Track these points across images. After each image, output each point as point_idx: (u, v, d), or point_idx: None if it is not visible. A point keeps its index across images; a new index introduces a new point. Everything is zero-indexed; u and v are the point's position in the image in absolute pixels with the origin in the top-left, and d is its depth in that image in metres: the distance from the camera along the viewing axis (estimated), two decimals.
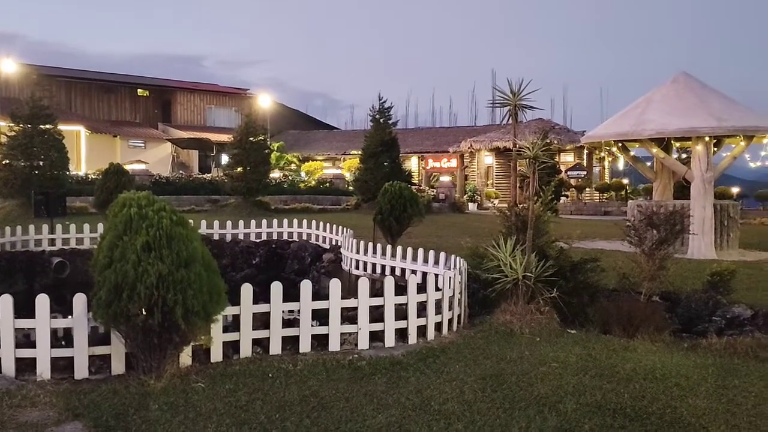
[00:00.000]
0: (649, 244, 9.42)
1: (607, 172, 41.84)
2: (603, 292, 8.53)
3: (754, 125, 16.11)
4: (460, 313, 7.58)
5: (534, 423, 4.70)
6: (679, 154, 23.04)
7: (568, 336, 7.18)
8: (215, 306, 5.60)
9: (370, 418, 4.79)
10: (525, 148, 7.54)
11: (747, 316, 8.49)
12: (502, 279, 7.47)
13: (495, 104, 8.16)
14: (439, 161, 41.49)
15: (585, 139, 19.40)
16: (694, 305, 8.85)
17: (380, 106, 29.54)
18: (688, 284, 10.01)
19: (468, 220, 26.37)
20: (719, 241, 16.36)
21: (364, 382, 5.62)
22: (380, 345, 6.64)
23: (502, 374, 5.80)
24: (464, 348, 6.65)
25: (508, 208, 8.27)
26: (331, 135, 52.33)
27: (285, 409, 4.95)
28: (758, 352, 6.51)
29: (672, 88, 17.19)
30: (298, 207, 26.92)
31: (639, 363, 6.15)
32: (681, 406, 5.06)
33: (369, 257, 10.62)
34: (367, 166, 28.76)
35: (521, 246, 7.57)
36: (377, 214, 12.16)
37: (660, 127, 16.14)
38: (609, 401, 5.15)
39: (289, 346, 6.41)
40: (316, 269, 12.80)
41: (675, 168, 17.86)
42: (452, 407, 5.01)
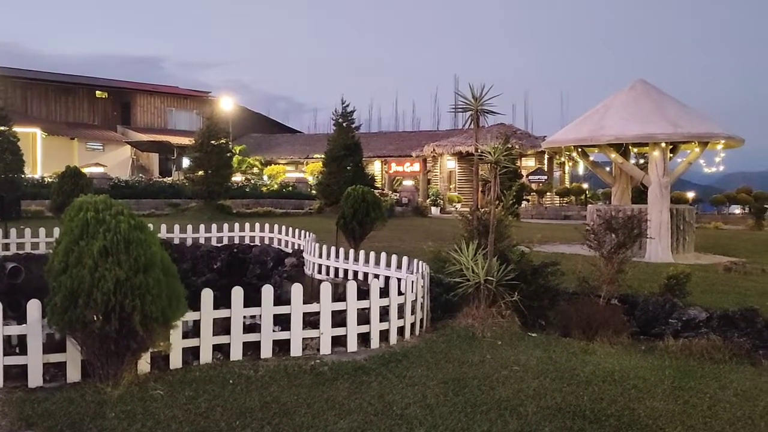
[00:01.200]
0: (608, 247, 9.56)
1: (568, 176, 42.42)
2: (563, 295, 8.63)
3: (708, 132, 16.50)
4: (423, 317, 7.59)
5: (495, 426, 4.72)
6: (637, 159, 23.49)
7: (529, 339, 7.24)
8: (175, 312, 5.52)
9: (332, 424, 4.76)
10: (487, 153, 7.59)
11: (702, 319, 8.65)
12: (465, 283, 7.50)
13: (457, 109, 8.20)
14: (402, 165, 41.58)
15: (546, 144, 19.64)
16: (651, 308, 8.98)
17: (343, 110, 29.52)
18: (646, 287, 10.18)
19: (431, 224, 26.47)
20: (675, 245, 16.70)
21: (326, 387, 5.59)
22: (343, 350, 6.61)
23: (464, 378, 5.82)
24: (426, 352, 6.66)
25: (471, 212, 8.32)
26: (294, 138, 52.09)
27: (246, 416, 4.90)
28: (713, 354, 6.64)
29: (630, 95, 17.52)
30: (261, 211, 26.72)
31: (598, 365, 6.23)
32: (639, 408, 5.13)
33: (332, 261, 10.58)
34: (330, 170, 28.69)
35: (483, 250, 7.62)
36: (340, 218, 12.13)
37: (618, 132, 16.42)
38: (569, 404, 5.20)
39: (251, 352, 6.34)
40: (278, 274, 12.71)
41: (633, 173, 18.19)
42: (414, 412, 5.00)
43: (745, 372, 6.19)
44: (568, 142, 17.87)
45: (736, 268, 13.67)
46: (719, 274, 13.17)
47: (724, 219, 34.35)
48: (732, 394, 5.52)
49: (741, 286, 11.72)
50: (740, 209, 36.94)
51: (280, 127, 57.14)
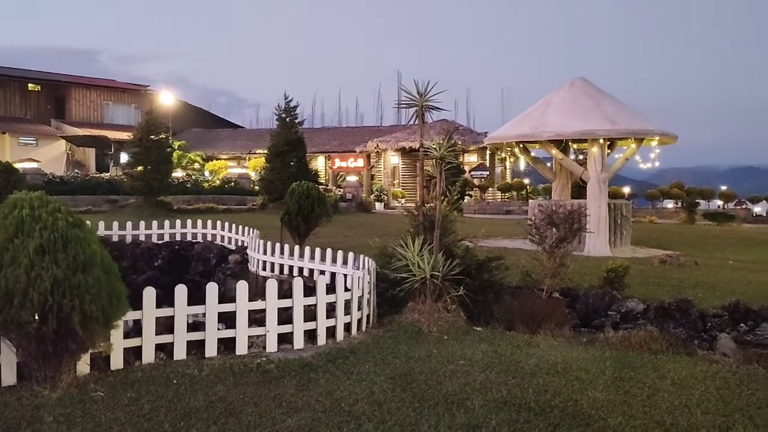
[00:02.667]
0: (550, 242, 9.76)
1: (509, 172, 43.11)
2: (507, 289, 8.75)
3: (644, 128, 17.01)
4: (369, 313, 7.59)
5: (443, 421, 4.76)
6: (577, 155, 24.02)
7: (474, 333, 7.32)
8: (115, 311, 5.37)
9: (279, 423, 4.71)
10: (432, 149, 7.63)
11: (640, 310, 8.90)
12: (411, 278, 7.53)
13: (401, 105, 8.22)
14: (345, 161, 41.57)
15: (488, 140, 19.90)
16: (591, 300, 9.20)
17: (286, 105, 29.27)
18: (586, 280, 10.43)
19: (375, 219, 26.53)
20: (613, 239, 17.16)
21: (272, 385, 5.53)
22: (289, 347, 6.55)
23: (411, 373, 5.84)
24: (373, 348, 6.66)
25: (416, 207, 8.36)
26: (236, 134, 51.45)
27: (191, 417, 4.80)
28: (651, 345, 6.84)
29: (569, 92, 17.91)
30: (202, 207, 26.28)
31: (542, 358, 6.34)
32: (582, 399, 5.24)
33: (276, 258, 10.48)
34: (273, 166, 28.43)
35: (429, 245, 7.66)
36: (285, 215, 12.03)
37: (558, 129, 16.77)
38: (514, 396, 5.27)
39: (195, 351, 6.23)
40: (221, 271, 12.52)
41: (572, 169, 18.60)
42: (362, 408, 5.00)
43: (681, 362, 6.38)
44: (510, 138, 18.16)
45: (670, 261, 14.13)
46: (655, 267, 13.59)
47: (658, 213, 35.50)
48: (669, 383, 5.69)
49: (675, 278, 12.12)
50: (673, 204, 38.22)
51: (222, 122, 56.33)
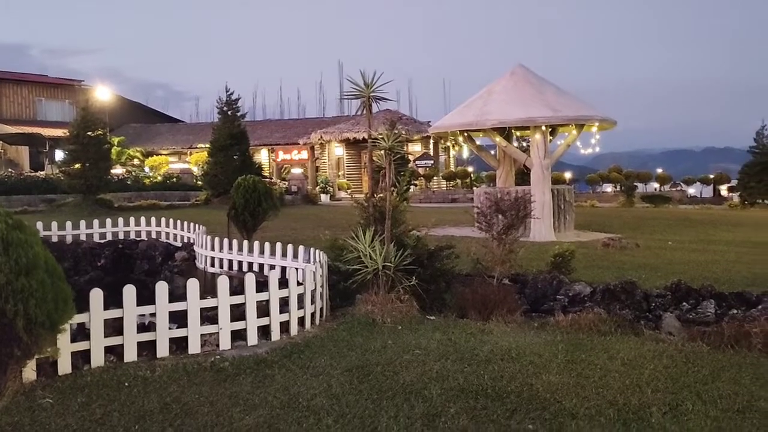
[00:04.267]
0: (498, 229, 9.87)
1: (453, 160, 43.43)
2: (458, 277, 8.83)
3: (584, 115, 17.36)
4: (323, 306, 7.56)
5: (402, 411, 4.77)
6: (520, 142, 24.35)
7: (428, 322, 7.36)
8: (62, 314, 5.20)
9: (237, 421, 4.65)
10: (380, 139, 7.62)
11: (587, 293, 9.10)
12: (363, 270, 7.52)
13: (348, 96, 8.17)
14: (289, 153, 41.21)
15: (433, 129, 20.01)
16: (540, 285, 9.36)
17: (227, 98, 28.85)
18: (534, 266, 10.60)
19: (321, 211, 26.42)
20: (557, 224, 17.51)
21: (228, 383, 5.45)
22: (243, 344, 6.47)
23: (368, 365, 5.84)
24: (328, 341, 6.64)
25: (366, 199, 8.34)
26: (176, 128, 50.38)
27: (145, 419, 4.70)
28: (600, 327, 7.00)
29: (511, 80, 18.13)
30: (144, 204, 25.72)
31: (496, 344, 6.41)
32: (536, 383, 5.33)
33: (225, 254, 10.33)
34: (216, 160, 28.02)
35: (380, 236, 7.66)
36: (231, 210, 11.87)
37: (501, 117, 16.97)
38: (471, 384, 5.33)
39: (146, 352, 6.09)
40: (168, 269, 12.27)
41: (516, 156, 18.87)
42: (321, 402, 4.97)
43: (629, 342, 6.55)
44: (454, 127, 18.30)
45: (613, 244, 14.49)
46: (599, 250, 13.91)
47: (598, 197, 36.35)
48: (620, 363, 5.83)
49: (619, 260, 12.44)
50: (612, 187, 39.22)
51: (160, 116, 55.09)
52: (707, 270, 11.18)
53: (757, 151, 32.65)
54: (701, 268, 11.47)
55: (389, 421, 4.61)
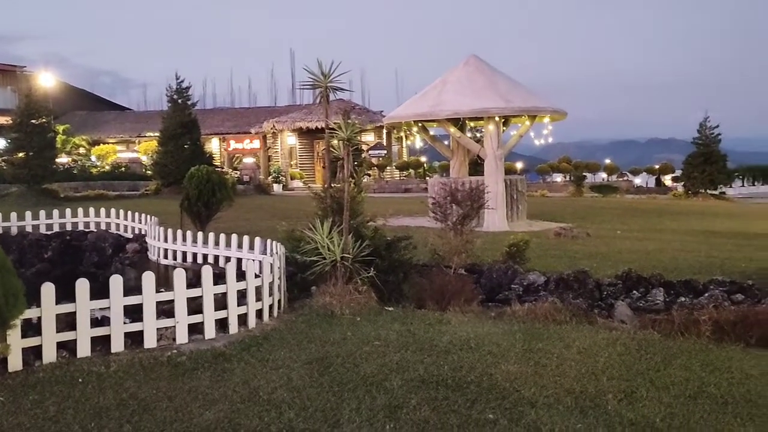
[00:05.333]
0: (453, 219, 9.95)
1: (406, 150, 43.55)
2: (415, 268, 8.87)
3: (536, 105, 17.59)
4: (281, 299, 7.50)
5: (364, 403, 4.78)
6: (473, 133, 24.57)
7: (386, 313, 7.38)
8: (12, 310, 5.06)
9: (197, 416, 4.59)
10: (338, 130, 7.58)
11: (541, 282, 9.25)
12: (321, 261, 7.49)
13: (305, 86, 8.11)
14: (241, 142, 40.70)
15: (387, 119, 20.02)
16: (495, 275, 9.46)
17: (178, 86, 28.36)
18: (488, 255, 10.72)
19: (275, 201, 26.22)
20: (510, 214, 17.73)
21: (186, 378, 5.37)
22: (200, 337, 6.37)
23: (328, 357, 5.83)
24: (287, 333, 6.59)
25: (323, 189, 8.30)
26: (124, 116, 49.26)
27: (101, 416, 4.60)
28: (555, 316, 7.12)
29: (464, 71, 18.24)
30: (92, 194, 25.14)
31: (454, 335, 6.47)
32: (495, 373, 5.40)
33: (179, 245, 10.15)
34: (166, 149, 27.54)
35: (338, 227, 7.63)
36: (184, 200, 11.68)
37: (456, 107, 17.07)
38: (431, 374, 5.36)
39: (100, 347, 5.95)
40: (119, 261, 11.98)
41: (470, 146, 19.02)
42: (282, 395, 4.94)
43: (584, 331, 6.68)
44: (409, 117, 18.33)
45: (564, 233, 14.76)
46: (551, 240, 14.15)
47: (548, 187, 36.96)
48: (576, 352, 5.95)
49: (570, 249, 12.68)
50: (562, 177, 39.92)
51: (107, 104, 53.79)
52: (655, 258, 11.49)
53: (700, 142, 33.60)
54: (649, 256, 11.78)
55: (351, 413, 4.61)
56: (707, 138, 33.42)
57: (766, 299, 8.06)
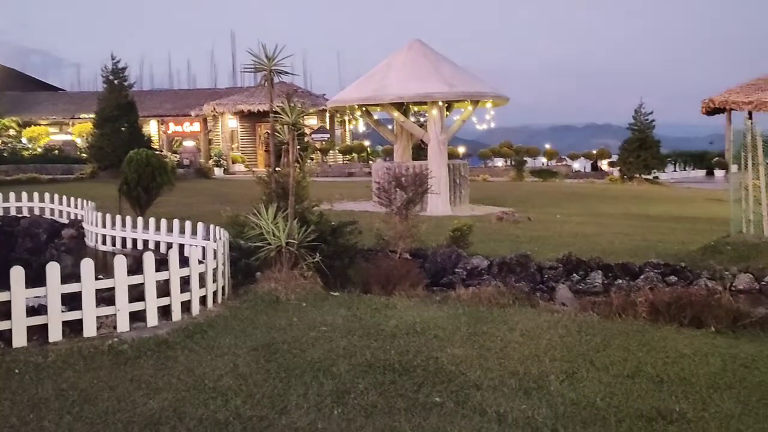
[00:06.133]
0: (398, 204, 9.99)
1: (349, 134, 43.42)
2: (361, 253, 8.88)
3: (479, 91, 17.75)
4: (225, 285, 7.40)
5: (311, 389, 4.77)
6: (417, 117, 24.66)
7: (332, 299, 7.37)
8: None
9: (140, 405, 4.50)
10: (284, 114, 7.49)
11: (484, 266, 9.40)
12: (266, 247, 7.42)
13: (249, 69, 7.98)
14: (180, 125, 39.83)
15: (331, 103, 19.90)
16: (440, 259, 9.57)
17: (114, 66, 27.55)
18: (432, 240, 10.79)
19: (216, 185, 25.83)
20: (453, 199, 17.91)
21: (128, 367, 5.26)
22: (142, 325, 6.24)
23: (274, 343, 5.79)
24: (232, 320, 6.52)
25: (268, 174, 8.20)
26: (56, 97, 47.54)
27: (40, 408, 4.47)
28: (499, 299, 7.24)
29: (408, 55, 18.24)
30: (23, 178, 24.22)
31: (400, 319, 6.51)
32: (441, 356, 5.46)
33: (118, 231, 9.90)
34: (102, 132, 26.77)
35: (283, 213, 7.57)
36: (123, 185, 11.39)
37: (400, 92, 17.08)
38: (378, 359, 5.39)
39: (37, 336, 5.77)
40: (54, 247, 11.64)
41: (413, 131, 19.08)
42: (228, 383, 4.89)
43: (527, 314, 6.82)
44: (353, 101, 18.27)
45: (506, 218, 15.00)
46: (493, 224, 14.36)
47: (490, 172, 37.41)
48: (519, 335, 6.07)
49: (512, 233, 12.89)
50: (503, 162, 40.48)
51: (39, 84, 51.82)
52: (594, 242, 11.78)
53: (635, 128, 34.50)
54: (588, 240, 12.07)
55: (299, 399, 4.59)
56: (642, 124, 34.33)
57: (697, 281, 8.39)
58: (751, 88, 27.03)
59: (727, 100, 10.91)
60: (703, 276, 8.51)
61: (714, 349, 5.70)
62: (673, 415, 4.32)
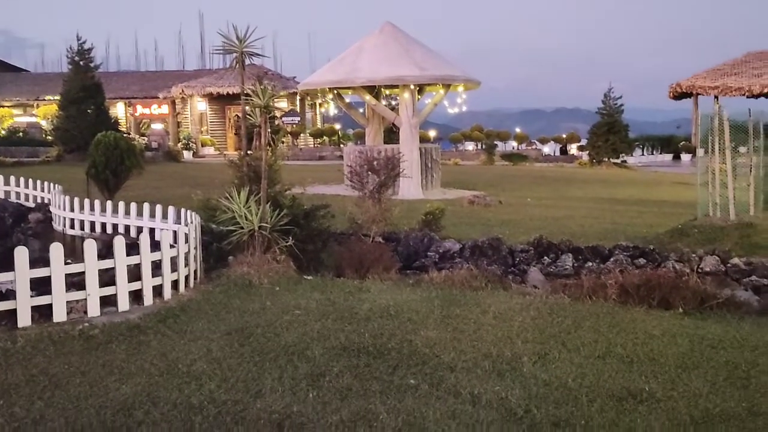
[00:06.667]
0: (371, 188, 9.99)
1: (320, 117, 43.17)
2: (334, 236, 8.87)
3: (450, 74, 17.76)
4: (197, 269, 7.34)
5: (286, 372, 4.77)
6: (388, 101, 24.59)
7: (306, 282, 7.36)
8: None
9: (113, 391, 4.46)
10: (255, 96, 7.42)
11: (456, 250, 9.45)
12: (238, 231, 7.37)
13: (219, 51, 7.88)
14: (149, 107, 39.21)
15: (302, 86, 19.76)
16: (412, 243, 9.59)
17: (79, 47, 26.98)
18: (404, 223, 10.82)
19: (186, 169, 25.53)
20: (425, 182, 17.96)
21: (100, 352, 5.21)
22: (113, 310, 6.17)
23: (248, 327, 5.77)
24: (205, 304, 6.48)
25: (240, 158, 8.13)
26: (20, 78, 46.46)
27: (10, 394, 4.40)
28: (471, 282, 7.30)
29: (380, 38, 18.17)
30: None
31: (374, 302, 6.52)
32: (415, 339, 5.49)
33: (86, 215, 9.74)
34: (68, 114, 26.26)
35: (255, 196, 7.52)
36: (91, 168, 11.20)
37: (371, 75, 17.02)
38: (352, 342, 5.40)
39: (5, 322, 5.68)
40: (21, 231, 11.39)
41: (385, 114, 19.05)
42: (201, 367, 4.86)
43: (499, 296, 6.89)
44: (324, 84, 18.16)
45: (478, 201, 15.09)
46: (465, 207, 14.45)
47: (461, 155, 37.54)
48: (492, 317, 6.12)
49: (484, 217, 12.99)
50: (474, 146, 40.60)
51: (1, 64, 50.62)
52: (564, 225, 11.92)
53: (604, 112, 34.78)
54: (558, 223, 12.21)
55: (274, 382, 4.59)
56: (611, 108, 34.59)
57: (666, 263, 8.53)
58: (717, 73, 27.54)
59: (693, 85, 11.08)
60: (671, 258, 8.66)
61: (682, 330, 5.82)
62: (642, 394, 4.40)
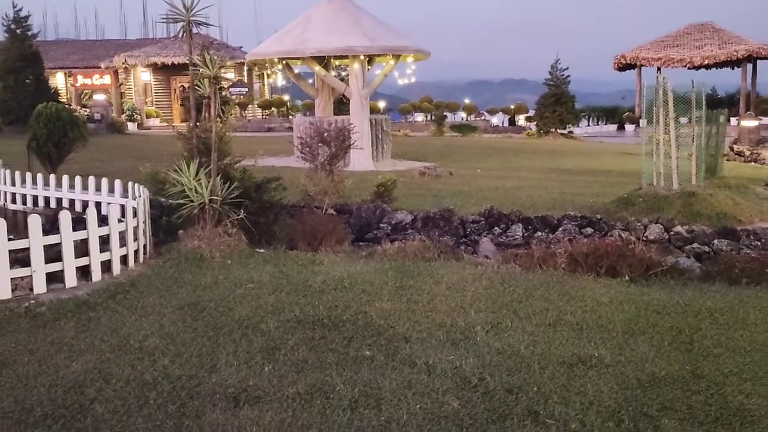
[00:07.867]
0: (322, 159, 9.94)
1: (268, 88, 42.56)
2: (286, 209, 8.80)
3: (400, 45, 17.69)
4: (146, 243, 7.20)
5: (241, 346, 4.74)
6: (338, 72, 24.37)
7: (258, 256, 7.30)
8: None
9: (63, 368, 4.37)
10: (204, 66, 7.25)
11: (408, 221, 9.49)
12: (189, 204, 7.25)
13: (167, 20, 7.66)
14: (90, 78, 38.00)
15: (250, 56, 19.42)
16: (364, 215, 9.58)
17: (15, 15, 25.97)
18: (356, 195, 10.81)
19: (131, 141, 24.96)
20: (375, 154, 17.94)
21: (48, 329, 5.09)
22: (60, 286, 6.02)
23: (200, 302, 5.71)
24: (155, 279, 6.38)
25: (188, 129, 7.97)
26: None
27: None
28: (424, 254, 7.34)
29: (329, 8, 17.95)
30: None
31: (328, 275, 6.52)
32: (370, 311, 5.51)
33: (29, 189, 9.45)
34: (5, 84, 25.33)
35: (205, 169, 7.39)
36: (32, 140, 10.84)
37: (321, 45, 16.82)
38: (307, 315, 5.39)
39: None
40: None
41: (335, 85, 18.90)
42: (154, 343, 4.80)
43: (452, 267, 6.95)
44: (273, 54, 17.89)
45: (428, 172, 15.16)
46: (416, 179, 14.50)
47: (411, 127, 37.59)
48: (445, 287, 6.18)
49: (435, 188, 13.07)
50: (423, 117, 40.68)
51: None
52: (513, 195, 12.09)
53: (551, 83, 35.18)
54: (508, 193, 12.37)
55: (228, 357, 4.56)
56: (558, 79, 35.00)
57: (612, 232, 8.74)
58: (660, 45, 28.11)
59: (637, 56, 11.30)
60: (617, 227, 8.87)
61: (628, 297, 5.98)
62: (592, 360, 4.53)
